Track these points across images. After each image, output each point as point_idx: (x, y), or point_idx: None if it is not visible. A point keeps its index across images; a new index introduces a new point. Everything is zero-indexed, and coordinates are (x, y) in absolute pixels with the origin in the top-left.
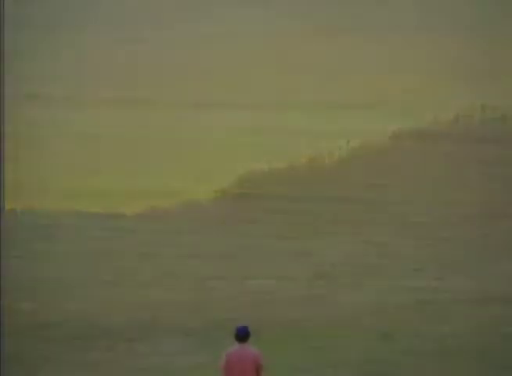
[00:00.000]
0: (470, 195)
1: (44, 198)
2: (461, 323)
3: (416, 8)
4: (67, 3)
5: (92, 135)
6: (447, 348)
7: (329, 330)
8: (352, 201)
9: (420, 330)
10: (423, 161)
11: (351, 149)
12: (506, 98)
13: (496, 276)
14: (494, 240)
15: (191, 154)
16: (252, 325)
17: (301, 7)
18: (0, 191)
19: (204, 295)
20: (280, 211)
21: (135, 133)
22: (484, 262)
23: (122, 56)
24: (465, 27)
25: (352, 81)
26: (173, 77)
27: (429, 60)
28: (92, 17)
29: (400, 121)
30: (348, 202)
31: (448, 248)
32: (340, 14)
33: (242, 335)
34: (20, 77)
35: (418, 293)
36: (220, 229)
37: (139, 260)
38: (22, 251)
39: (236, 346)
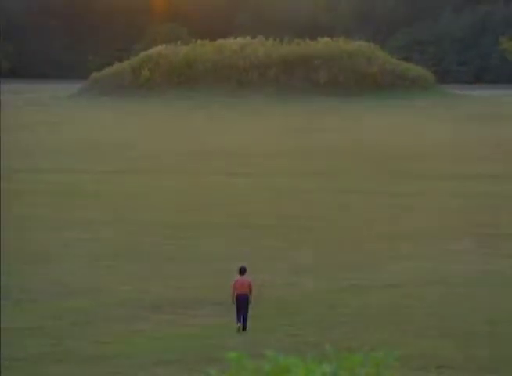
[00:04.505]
0: (377, 216)
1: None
2: (376, 297)
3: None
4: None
5: (164, 193)
6: (369, 312)
7: (299, 303)
8: (310, 222)
9: (353, 302)
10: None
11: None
12: None
13: (395, 272)
14: (389, 251)
15: (220, 207)
16: (254, 296)
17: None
18: None
19: (226, 280)
20: (271, 228)
21: (190, 189)
22: (385, 264)
23: (178, 144)
24: None
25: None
26: (211, 156)
27: None
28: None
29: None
30: (306, 225)
31: (361, 257)
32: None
33: (243, 270)
34: (116, 155)
35: (350, 281)
36: (233, 242)
37: (188, 263)
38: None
39: (238, 277)
